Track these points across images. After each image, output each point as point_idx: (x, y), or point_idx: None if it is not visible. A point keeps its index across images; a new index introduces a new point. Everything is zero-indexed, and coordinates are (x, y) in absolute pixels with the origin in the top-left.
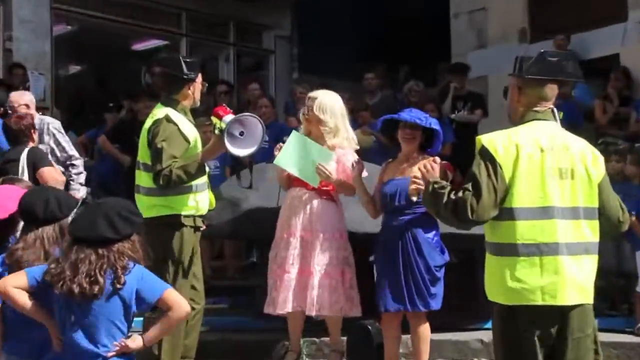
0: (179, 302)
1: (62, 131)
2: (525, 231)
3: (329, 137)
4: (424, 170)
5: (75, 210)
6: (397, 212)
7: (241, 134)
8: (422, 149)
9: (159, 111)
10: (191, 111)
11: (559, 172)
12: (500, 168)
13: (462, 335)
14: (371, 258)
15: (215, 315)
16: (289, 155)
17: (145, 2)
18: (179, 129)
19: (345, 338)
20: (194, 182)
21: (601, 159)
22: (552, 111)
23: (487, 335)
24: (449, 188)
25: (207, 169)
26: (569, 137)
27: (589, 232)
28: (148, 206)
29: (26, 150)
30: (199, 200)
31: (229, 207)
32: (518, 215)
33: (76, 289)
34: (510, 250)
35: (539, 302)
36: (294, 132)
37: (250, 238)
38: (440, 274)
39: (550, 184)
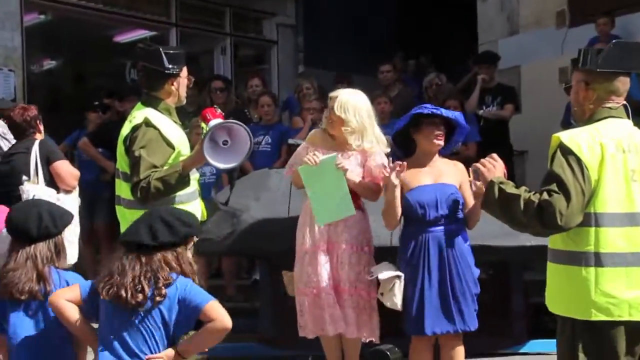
0: (222, 314)
1: (8, 136)
2: (612, 239)
3: (354, 139)
4: (483, 169)
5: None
6: (430, 223)
7: (225, 143)
8: None
9: (138, 113)
10: (179, 110)
11: None
12: (587, 169)
13: None
14: (374, 274)
15: None
16: (315, 176)
17: None
18: (160, 133)
19: None
20: (184, 192)
21: None
22: (626, 107)
23: None
24: (523, 189)
25: (197, 175)
26: None
27: None
28: (130, 220)
29: (37, 142)
30: (194, 210)
31: (227, 219)
32: (603, 222)
33: (123, 294)
34: (592, 260)
35: (626, 318)
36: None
37: (253, 254)
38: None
39: (635, 188)
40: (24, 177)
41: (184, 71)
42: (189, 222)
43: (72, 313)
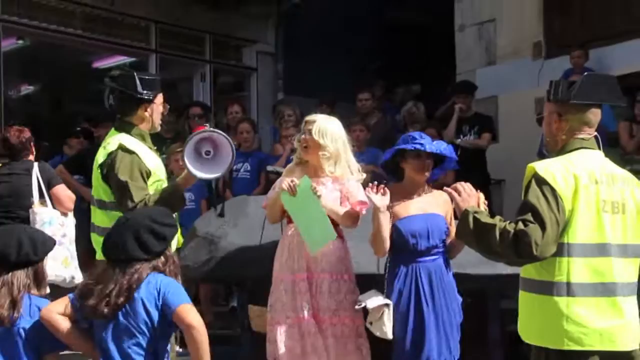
0: (192, 317)
1: None
2: (583, 270)
3: (328, 165)
4: (458, 197)
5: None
6: (422, 253)
7: (207, 153)
8: None
9: (112, 139)
10: (156, 137)
11: (612, 206)
12: (561, 199)
13: None
14: (361, 302)
15: None
16: (297, 203)
17: (109, 13)
18: (138, 157)
19: None
20: None
21: None
22: (597, 138)
23: None
24: (498, 218)
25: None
26: (615, 168)
27: (634, 271)
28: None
29: (36, 165)
30: None
31: (204, 246)
32: (575, 252)
33: (105, 310)
34: (564, 289)
35: (597, 348)
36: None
37: (230, 281)
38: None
39: (605, 219)
40: (32, 199)
41: (159, 98)
42: (170, 222)
43: (65, 326)
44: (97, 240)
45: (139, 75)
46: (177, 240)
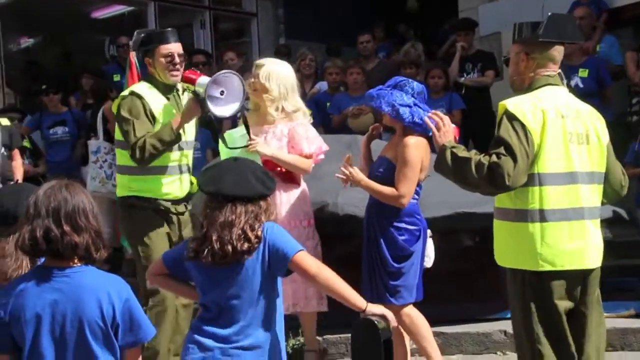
0: (311, 263)
1: None
2: (553, 197)
3: (272, 108)
4: (437, 133)
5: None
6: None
7: (222, 93)
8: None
9: (132, 87)
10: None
11: (577, 138)
12: (530, 134)
13: (483, 327)
14: None
15: None
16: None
17: None
18: (143, 102)
19: (348, 335)
20: (152, 165)
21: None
22: (560, 75)
23: (510, 326)
24: (473, 152)
25: (178, 153)
26: (579, 103)
27: (599, 196)
28: (119, 185)
29: None
30: (164, 183)
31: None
32: (546, 181)
33: (229, 249)
34: (537, 216)
35: (568, 267)
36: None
37: None
38: (402, 265)
39: (572, 150)
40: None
41: (159, 50)
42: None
43: (168, 283)
44: (121, 181)
45: (137, 34)
46: (190, 187)
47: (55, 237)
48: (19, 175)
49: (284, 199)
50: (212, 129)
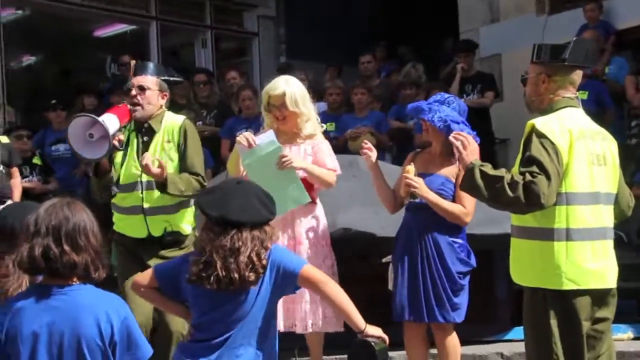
0: (319, 276)
1: None
2: (580, 216)
3: (304, 127)
4: (459, 146)
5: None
6: (419, 209)
7: (91, 136)
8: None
9: None
10: (171, 105)
11: (597, 159)
12: (560, 153)
13: (479, 349)
14: (385, 259)
15: None
16: (260, 162)
17: None
18: None
19: (344, 356)
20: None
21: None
22: (577, 98)
23: (508, 348)
24: (504, 171)
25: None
26: (595, 125)
27: (612, 216)
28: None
29: None
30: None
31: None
32: (572, 200)
33: (236, 277)
34: (564, 235)
35: (592, 287)
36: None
37: None
38: (465, 281)
39: (594, 170)
40: None
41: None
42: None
43: (158, 297)
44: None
45: None
46: (193, 216)
47: (54, 255)
48: (17, 193)
49: (305, 219)
50: (211, 149)
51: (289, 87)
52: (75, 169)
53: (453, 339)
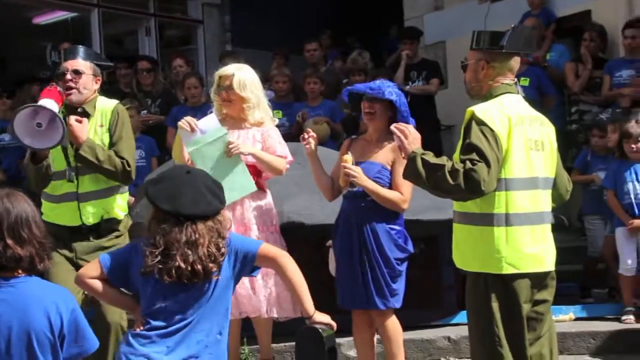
0: (276, 251)
1: None
2: (518, 201)
3: (251, 115)
4: (400, 135)
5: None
6: (357, 197)
7: (39, 125)
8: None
9: None
10: (115, 92)
11: (535, 144)
12: (499, 139)
13: (426, 333)
14: (329, 243)
15: None
16: (206, 149)
17: None
18: None
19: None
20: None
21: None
22: (516, 84)
23: (454, 332)
24: (445, 159)
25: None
26: (533, 110)
27: (550, 200)
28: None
29: None
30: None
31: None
32: (512, 186)
33: (199, 268)
34: (503, 220)
35: (531, 270)
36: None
37: None
38: (402, 267)
39: (532, 156)
40: None
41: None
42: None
43: (105, 289)
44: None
45: None
46: (126, 202)
47: None
48: None
49: (254, 206)
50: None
51: (239, 71)
52: (21, 159)
53: (393, 322)
